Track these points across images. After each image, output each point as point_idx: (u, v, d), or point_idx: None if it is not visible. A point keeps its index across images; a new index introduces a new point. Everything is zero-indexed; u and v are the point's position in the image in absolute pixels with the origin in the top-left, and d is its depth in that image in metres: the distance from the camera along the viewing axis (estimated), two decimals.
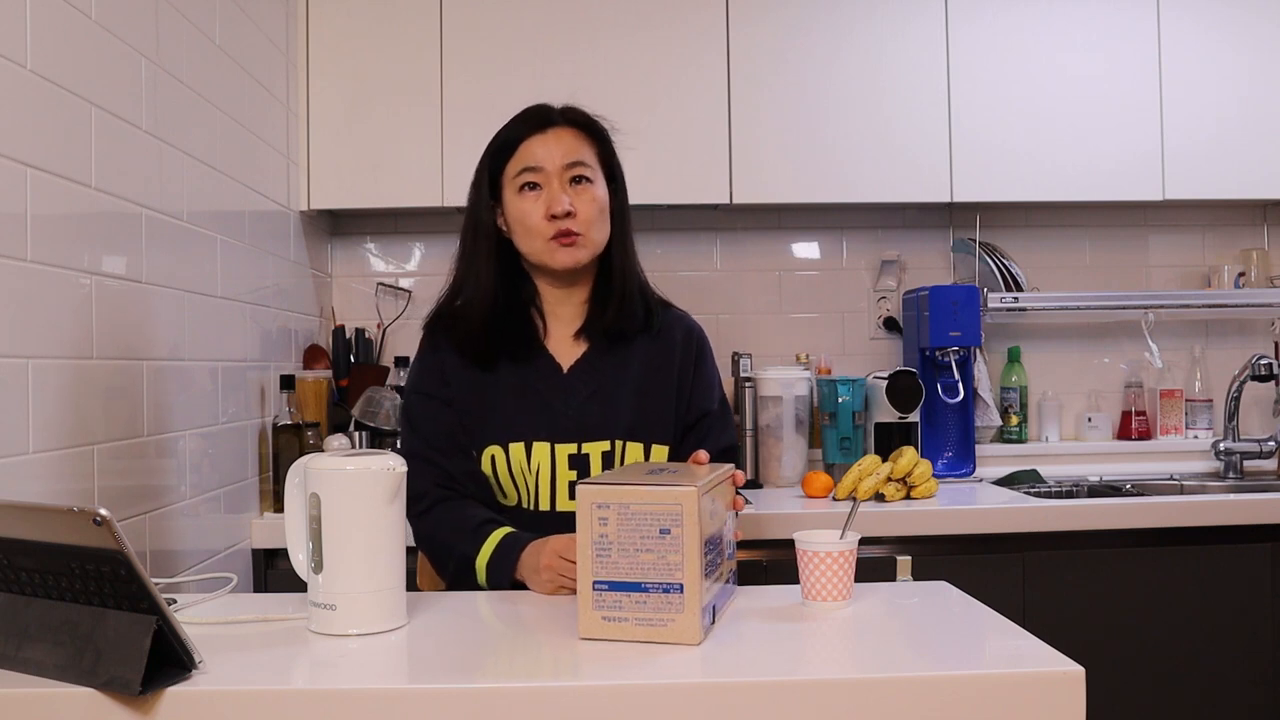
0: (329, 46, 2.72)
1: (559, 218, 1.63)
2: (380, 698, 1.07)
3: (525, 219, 1.65)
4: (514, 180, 1.67)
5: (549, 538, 1.54)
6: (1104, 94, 2.80)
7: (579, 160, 1.67)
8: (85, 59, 1.63)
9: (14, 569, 1.10)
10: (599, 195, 1.68)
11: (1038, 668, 1.11)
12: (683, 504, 1.21)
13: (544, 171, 1.65)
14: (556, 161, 1.65)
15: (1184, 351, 3.12)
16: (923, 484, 2.49)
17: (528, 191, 1.66)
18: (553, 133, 1.67)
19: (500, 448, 1.65)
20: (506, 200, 1.68)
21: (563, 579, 1.48)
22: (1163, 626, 2.39)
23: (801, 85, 2.76)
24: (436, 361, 1.71)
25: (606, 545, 1.23)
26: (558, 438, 1.65)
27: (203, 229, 2.06)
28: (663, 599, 1.21)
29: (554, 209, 1.63)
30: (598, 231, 1.67)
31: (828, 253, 3.11)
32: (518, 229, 1.67)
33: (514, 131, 1.69)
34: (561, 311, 1.73)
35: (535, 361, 1.70)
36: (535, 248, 1.67)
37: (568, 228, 1.64)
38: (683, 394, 1.73)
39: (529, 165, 1.66)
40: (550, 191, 1.65)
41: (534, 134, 1.67)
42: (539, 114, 1.70)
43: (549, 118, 1.69)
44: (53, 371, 1.52)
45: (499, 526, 1.60)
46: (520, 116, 1.71)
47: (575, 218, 1.64)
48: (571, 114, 1.71)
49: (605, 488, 1.23)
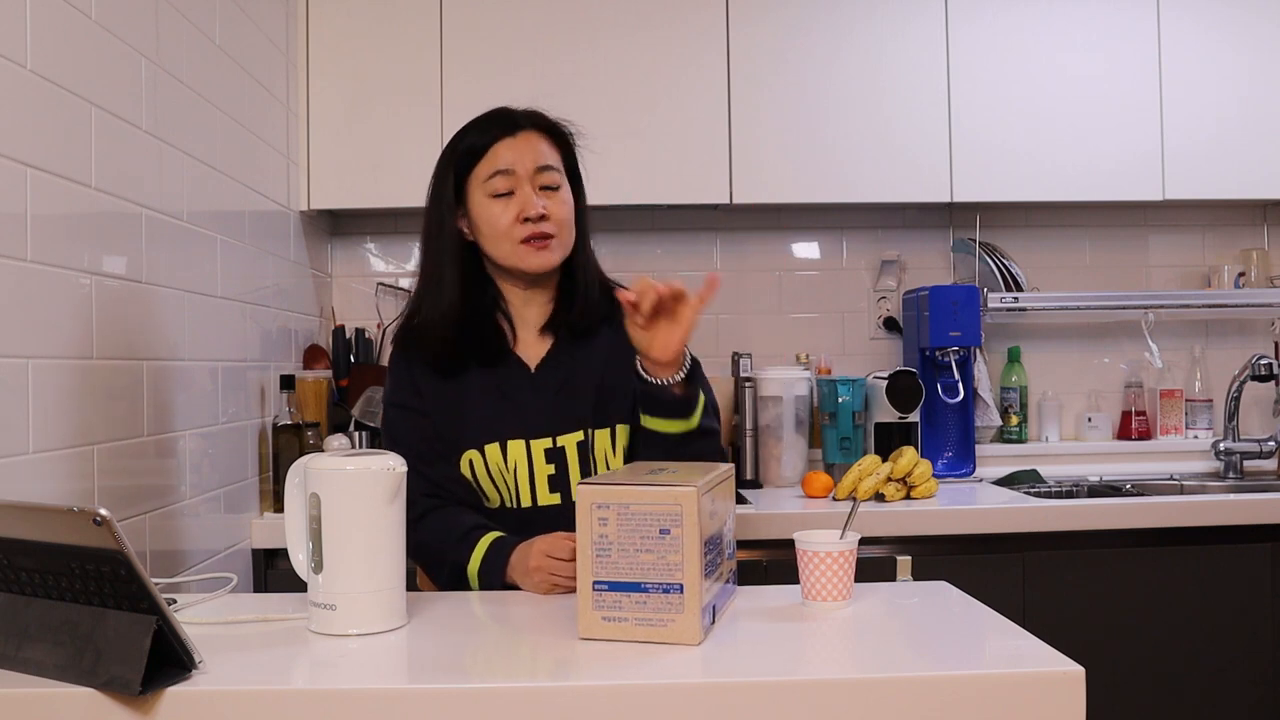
0: (329, 46, 2.72)
1: (532, 220, 1.63)
2: (380, 698, 1.07)
3: (496, 222, 1.65)
4: (484, 184, 1.66)
5: (535, 539, 1.54)
6: (1104, 94, 2.80)
7: (549, 165, 1.67)
8: (85, 59, 1.63)
9: (14, 569, 1.10)
10: (568, 198, 1.68)
11: (1038, 668, 1.11)
12: (682, 504, 1.21)
13: (515, 175, 1.65)
14: (528, 165, 1.65)
15: (1184, 351, 3.12)
16: (923, 484, 2.49)
17: (498, 197, 1.65)
18: (522, 136, 1.67)
19: (477, 451, 1.66)
20: (473, 204, 1.67)
21: (555, 578, 1.49)
22: (1163, 626, 2.39)
23: (801, 85, 2.76)
24: (407, 373, 1.71)
25: (606, 545, 1.23)
26: (531, 434, 1.66)
27: (203, 229, 2.06)
28: (663, 599, 1.21)
29: (528, 212, 1.63)
30: (568, 233, 1.68)
31: (828, 253, 3.11)
32: (487, 232, 1.66)
33: (482, 135, 1.67)
34: (527, 313, 1.73)
35: (504, 364, 1.70)
36: (504, 251, 1.66)
37: (542, 230, 1.64)
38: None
39: (500, 169, 1.65)
40: (523, 194, 1.64)
41: (504, 137, 1.66)
42: (506, 117, 1.69)
43: (516, 121, 1.68)
44: (53, 371, 1.52)
45: (487, 532, 1.60)
46: (483, 120, 1.69)
47: (549, 220, 1.64)
48: (537, 118, 1.70)
49: (605, 488, 1.23)
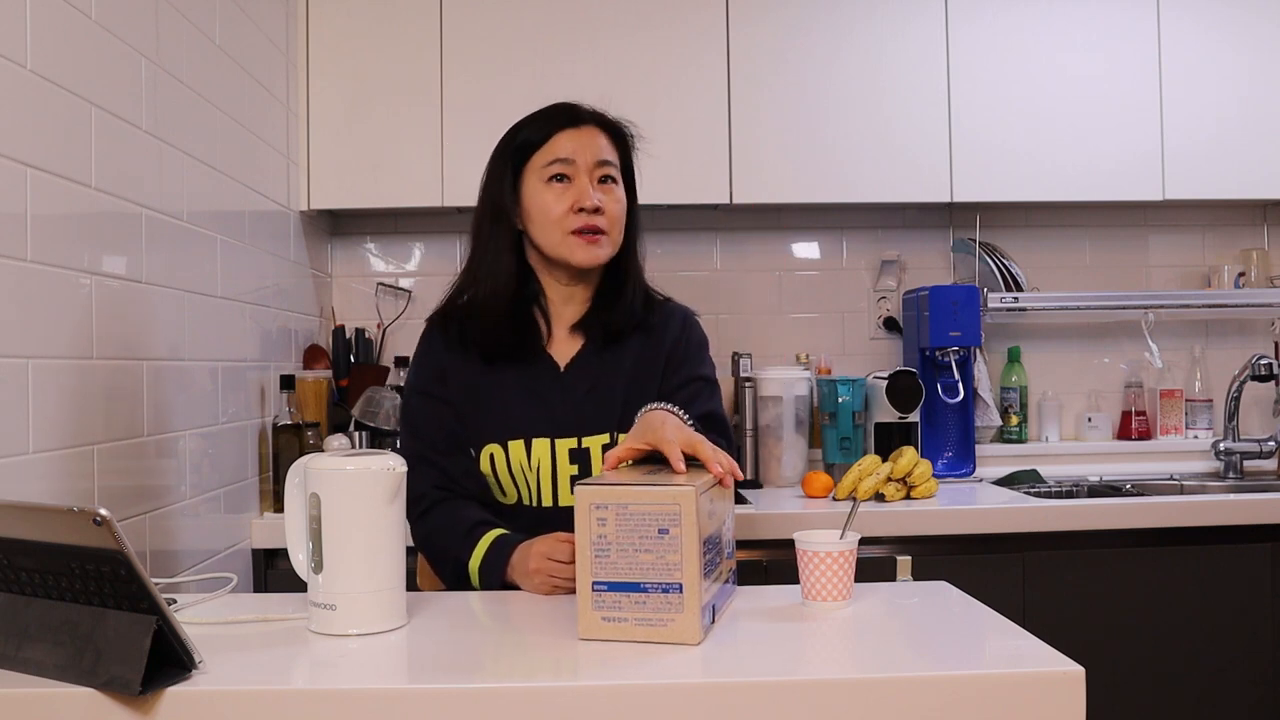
0: (329, 46, 2.72)
1: (586, 211, 1.63)
2: (380, 698, 1.07)
3: (549, 209, 1.64)
4: (541, 170, 1.66)
5: (535, 539, 1.54)
6: (1104, 94, 2.80)
7: (608, 160, 1.67)
8: (85, 59, 1.63)
9: (14, 569, 1.10)
10: (623, 197, 1.69)
11: (1038, 668, 1.11)
12: (681, 504, 1.20)
13: (575, 164, 1.65)
14: (588, 158, 1.65)
15: (1184, 351, 3.12)
16: (923, 484, 2.49)
17: (555, 183, 1.65)
18: (584, 129, 1.67)
19: (499, 446, 1.65)
20: (528, 192, 1.67)
21: (555, 580, 1.48)
22: (1163, 626, 2.39)
23: (801, 85, 2.76)
24: (435, 360, 1.71)
25: (605, 545, 1.23)
26: (557, 433, 1.65)
27: (203, 229, 2.06)
28: (662, 599, 1.21)
29: (583, 202, 1.62)
30: (619, 232, 1.68)
31: (828, 253, 3.11)
32: (539, 219, 1.66)
33: (545, 125, 1.68)
34: (565, 310, 1.73)
35: (535, 361, 1.70)
36: (554, 240, 1.65)
37: (594, 224, 1.63)
38: (670, 363, 1.72)
39: (560, 157, 1.65)
40: (579, 185, 1.64)
41: (566, 128, 1.67)
42: (570, 110, 1.69)
43: (580, 115, 1.69)
44: (53, 371, 1.52)
45: (491, 529, 1.60)
46: (550, 111, 1.70)
47: (602, 215, 1.64)
48: (600, 116, 1.71)
49: (603, 488, 1.23)
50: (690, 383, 1.72)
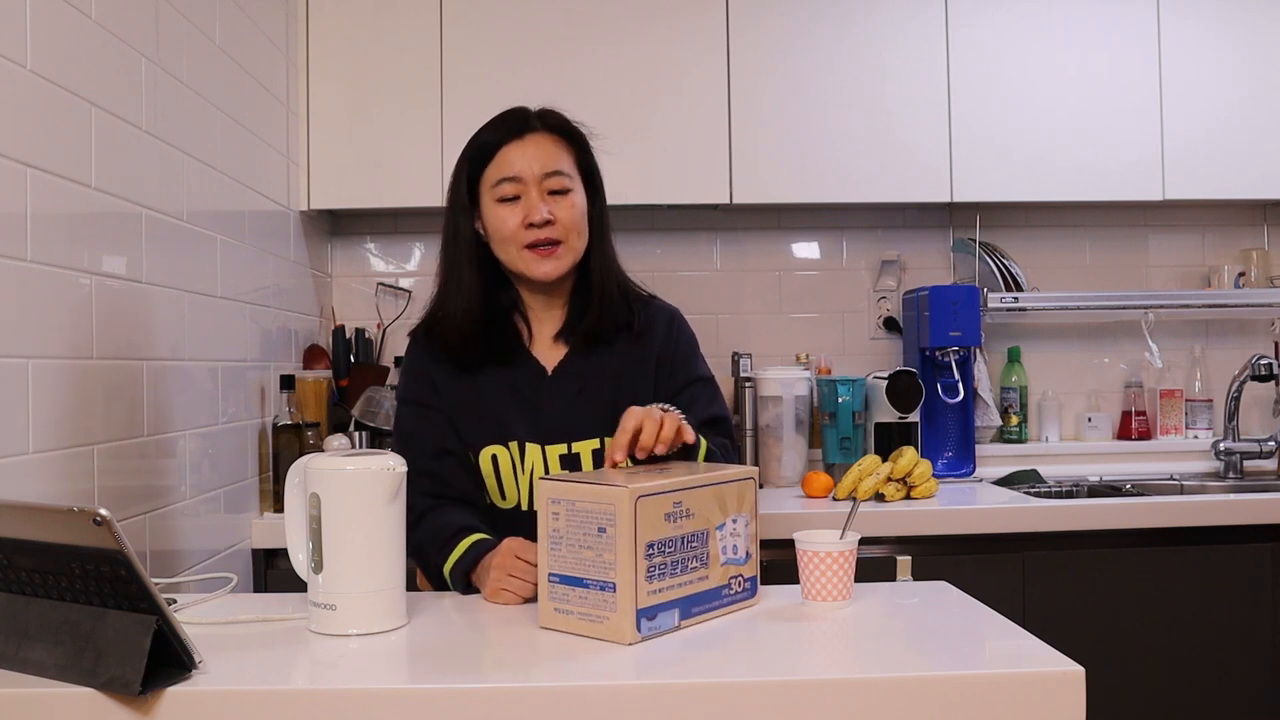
0: (329, 47, 2.72)
1: (536, 226, 1.62)
2: (380, 698, 1.07)
3: (502, 226, 1.64)
4: (492, 189, 1.65)
5: (510, 538, 1.51)
6: (1104, 94, 2.80)
7: (557, 170, 1.65)
8: (85, 59, 1.63)
9: (14, 569, 1.10)
10: (578, 202, 1.66)
11: (1038, 668, 1.11)
12: (616, 505, 1.21)
13: (522, 181, 1.63)
14: (535, 170, 1.63)
15: (1184, 351, 3.12)
16: (923, 484, 2.49)
17: (505, 203, 1.64)
18: (530, 139, 1.65)
19: (502, 447, 1.66)
20: (484, 209, 1.67)
21: (509, 579, 1.44)
22: (1163, 626, 2.39)
23: (801, 85, 2.76)
24: (424, 368, 1.70)
25: (558, 539, 1.26)
26: (547, 439, 1.65)
27: (203, 229, 2.06)
28: (599, 596, 1.23)
29: (532, 218, 1.62)
30: (578, 239, 1.66)
31: (828, 253, 3.11)
32: (495, 237, 1.66)
33: (491, 137, 1.66)
34: (545, 316, 1.72)
35: (520, 365, 1.69)
36: (510, 256, 1.65)
37: (547, 236, 1.62)
38: (663, 368, 1.71)
39: (507, 175, 1.64)
40: (529, 200, 1.63)
41: (511, 140, 1.65)
42: (516, 119, 1.67)
43: (527, 123, 1.67)
44: (52, 371, 1.52)
45: (471, 534, 1.56)
46: (496, 121, 1.68)
47: (555, 225, 1.63)
48: (550, 119, 1.68)
49: (558, 484, 1.27)
50: (690, 385, 1.72)
